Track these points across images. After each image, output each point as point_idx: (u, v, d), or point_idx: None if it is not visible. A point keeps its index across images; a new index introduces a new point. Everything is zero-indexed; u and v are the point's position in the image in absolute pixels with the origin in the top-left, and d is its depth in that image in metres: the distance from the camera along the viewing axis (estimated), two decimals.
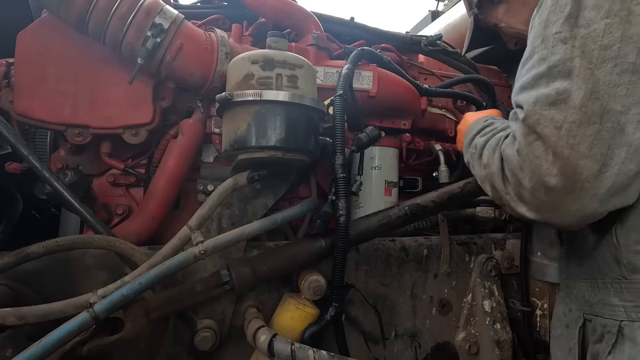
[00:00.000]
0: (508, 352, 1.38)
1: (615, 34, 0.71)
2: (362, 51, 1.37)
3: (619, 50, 0.70)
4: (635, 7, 0.71)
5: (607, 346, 0.78)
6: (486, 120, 1.03)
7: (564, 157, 0.71)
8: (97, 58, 1.23)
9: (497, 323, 1.39)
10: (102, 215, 1.28)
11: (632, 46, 0.70)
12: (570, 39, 0.73)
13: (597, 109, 0.70)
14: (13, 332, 0.98)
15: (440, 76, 1.85)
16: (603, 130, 0.69)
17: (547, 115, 0.73)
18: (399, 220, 1.25)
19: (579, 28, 0.73)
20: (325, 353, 1.00)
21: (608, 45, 0.71)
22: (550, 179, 0.72)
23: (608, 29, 0.71)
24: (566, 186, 0.71)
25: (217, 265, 1.18)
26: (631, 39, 0.70)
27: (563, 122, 0.71)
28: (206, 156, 1.39)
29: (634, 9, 0.71)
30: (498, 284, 1.44)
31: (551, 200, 0.74)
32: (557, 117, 0.72)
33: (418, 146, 1.61)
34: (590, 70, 0.71)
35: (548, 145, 0.72)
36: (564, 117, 0.71)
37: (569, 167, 0.70)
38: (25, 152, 1.10)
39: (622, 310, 0.77)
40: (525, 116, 0.76)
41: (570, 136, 0.70)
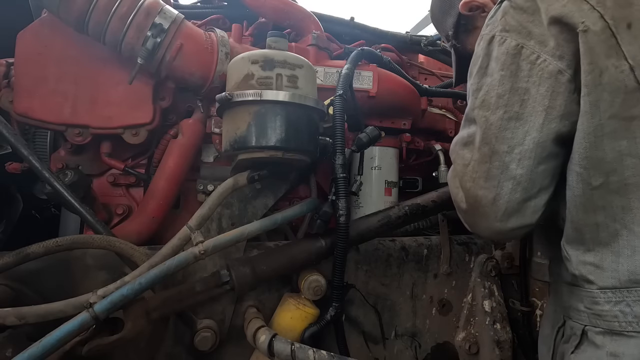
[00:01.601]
0: (508, 352, 1.38)
1: (506, 85, 0.83)
2: (362, 51, 1.37)
3: (508, 99, 0.83)
4: (522, 63, 0.82)
5: (571, 346, 0.85)
6: None
7: (467, 188, 0.88)
8: (97, 58, 1.23)
9: (497, 323, 1.39)
10: (102, 215, 1.28)
11: (517, 97, 0.82)
12: (476, 90, 0.88)
13: (488, 150, 0.84)
14: (13, 332, 0.98)
15: (440, 76, 1.85)
16: (493, 168, 0.84)
17: (461, 154, 0.91)
18: (399, 220, 1.25)
19: (486, 77, 0.87)
20: (325, 353, 1.00)
21: (501, 94, 0.84)
22: (462, 205, 0.91)
23: (502, 80, 0.84)
24: (472, 210, 0.89)
25: (217, 265, 1.18)
26: (517, 91, 0.82)
27: (470, 160, 0.88)
28: (206, 156, 1.39)
29: (521, 64, 0.82)
30: (498, 284, 1.44)
31: (468, 219, 0.93)
32: (467, 156, 0.89)
33: (418, 146, 1.61)
34: (485, 118, 0.85)
35: (459, 179, 0.91)
36: (471, 156, 0.88)
37: (471, 197, 0.88)
38: (25, 152, 1.10)
39: (585, 315, 0.83)
40: (450, 153, 0.97)
41: (473, 171, 0.87)
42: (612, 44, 0.76)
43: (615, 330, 0.78)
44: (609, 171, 0.77)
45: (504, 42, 0.85)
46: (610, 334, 0.78)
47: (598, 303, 0.80)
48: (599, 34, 0.76)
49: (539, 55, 0.81)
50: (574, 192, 0.82)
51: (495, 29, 0.87)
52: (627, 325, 0.77)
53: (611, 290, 0.78)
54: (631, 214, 0.77)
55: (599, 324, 0.80)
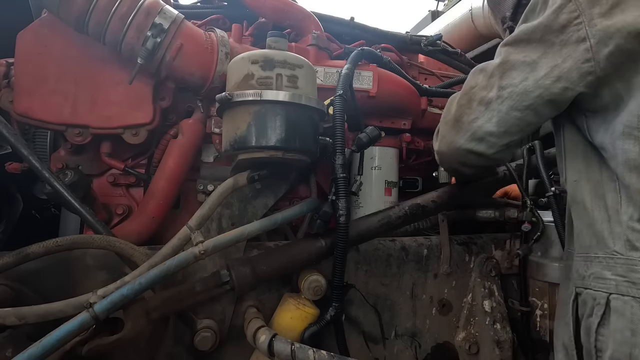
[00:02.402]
0: (508, 352, 1.38)
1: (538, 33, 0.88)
2: (362, 51, 1.37)
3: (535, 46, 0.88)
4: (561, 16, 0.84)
5: (596, 317, 0.84)
6: None
7: (461, 104, 1.02)
8: (97, 58, 1.23)
9: (497, 323, 1.39)
10: (102, 215, 1.28)
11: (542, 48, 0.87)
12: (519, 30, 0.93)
13: (493, 81, 0.95)
14: (13, 332, 0.98)
15: (440, 76, 1.85)
16: (486, 97, 0.95)
17: (474, 77, 1.03)
18: (399, 220, 1.25)
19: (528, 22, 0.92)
20: (325, 353, 1.00)
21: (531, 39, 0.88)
22: (449, 117, 1.05)
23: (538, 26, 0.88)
24: (453, 122, 1.03)
25: (217, 265, 1.18)
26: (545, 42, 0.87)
27: (476, 84, 1.00)
28: (206, 156, 1.39)
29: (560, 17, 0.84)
30: (498, 284, 1.44)
31: (443, 130, 1.06)
32: (478, 80, 1.01)
33: (418, 146, 1.61)
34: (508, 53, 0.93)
35: (460, 96, 1.05)
36: (479, 81, 1.00)
37: (460, 112, 1.01)
38: (25, 152, 1.10)
39: (612, 283, 0.82)
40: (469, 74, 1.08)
41: (473, 93, 1.00)
42: None
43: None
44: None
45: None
46: None
47: (636, 271, 0.80)
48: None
49: (579, 15, 0.82)
50: (629, 156, 0.82)
51: None
52: None
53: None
54: None
55: (630, 291, 0.80)
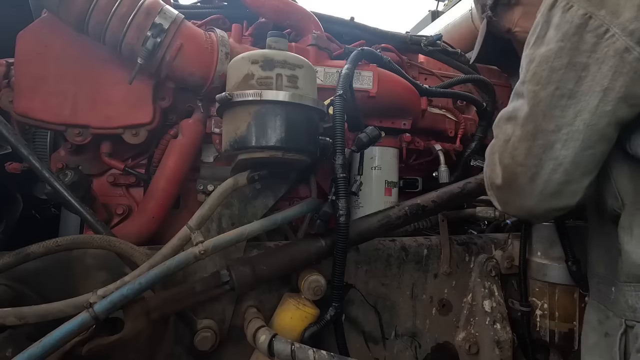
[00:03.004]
0: (508, 352, 1.38)
1: (564, 59, 0.77)
2: (362, 51, 1.37)
3: (563, 75, 0.77)
4: (587, 35, 0.75)
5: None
6: None
7: (505, 164, 0.86)
8: (97, 58, 1.23)
9: (497, 323, 1.39)
10: (102, 215, 1.28)
11: (574, 74, 0.76)
12: (530, 62, 0.83)
13: (532, 128, 0.80)
14: (13, 332, 0.98)
15: (440, 76, 1.85)
16: (536, 147, 0.80)
17: (503, 129, 0.87)
18: (399, 220, 1.25)
19: (542, 46, 0.81)
20: (325, 353, 1.00)
21: (556, 68, 0.78)
22: (497, 180, 0.88)
23: (559, 52, 0.78)
24: (507, 187, 0.86)
25: (217, 265, 1.18)
26: (575, 67, 0.76)
27: (512, 135, 0.84)
28: (206, 156, 1.39)
29: (585, 37, 0.75)
30: (498, 284, 1.44)
31: (501, 197, 0.90)
32: (508, 130, 0.86)
33: (418, 146, 1.61)
34: (535, 93, 0.80)
35: (498, 154, 0.88)
36: (512, 131, 0.84)
37: (508, 172, 0.85)
38: (25, 152, 1.10)
39: None
40: (493, 127, 0.93)
41: (513, 148, 0.83)
42: None
43: None
44: None
45: (569, 9, 0.76)
46: None
47: None
48: None
49: (609, 29, 0.72)
50: None
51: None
52: None
53: None
54: None
55: None
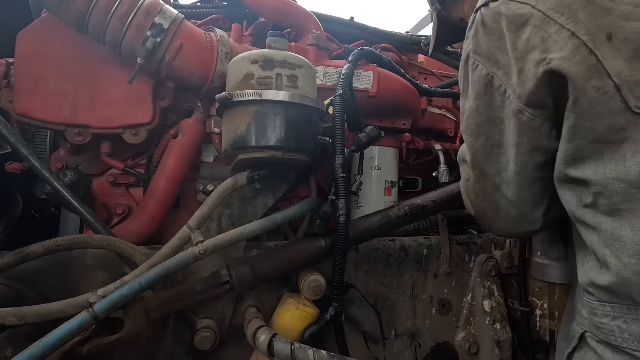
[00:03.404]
0: (508, 352, 1.38)
1: (483, 115, 0.83)
2: (362, 51, 1.37)
3: (487, 128, 0.83)
4: (495, 94, 0.80)
5: (568, 347, 0.84)
6: None
7: (472, 200, 0.97)
8: (97, 58, 1.23)
9: (497, 323, 1.39)
10: (102, 215, 1.28)
11: (496, 127, 0.82)
12: (462, 114, 0.89)
13: (479, 173, 0.89)
14: (13, 332, 0.98)
15: (440, 76, 1.85)
16: (487, 187, 0.89)
17: (462, 169, 0.98)
18: (399, 220, 1.25)
19: (467, 101, 0.87)
20: (325, 353, 1.00)
21: (480, 123, 0.84)
22: (472, 212, 1.00)
23: (478, 109, 0.84)
24: (481, 219, 0.99)
25: (217, 265, 1.18)
26: (494, 121, 0.82)
27: (470, 175, 0.93)
28: (206, 156, 1.39)
29: (494, 95, 0.80)
30: (498, 284, 1.44)
31: (481, 223, 1.02)
32: (466, 171, 0.95)
33: (418, 146, 1.61)
34: (471, 143, 0.88)
35: (464, 190, 0.99)
36: (469, 173, 0.93)
37: (476, 209, 0.97)
38: (25, 152, 1.10)
39: (587, 322, 0.80)
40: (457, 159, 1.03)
41: (473, 187, 0.94)
42: (592, 64, 0.66)
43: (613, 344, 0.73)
44: (597, 193, 0.71)
45: (476, 67, 0.82)
46: (610, 346, 0.74)
47: (596, 315, 0.76)
48: (572, 57, 0.67)
49: (506, 90, 0.78)
50: (569, 207, 0.79)
51: (469, 47, 0.83)
52: (623, 341, 0.72)
53: (610, 305, 0.74)
54: (621, 243, 0.69)
55: (597, 334, 0.76)
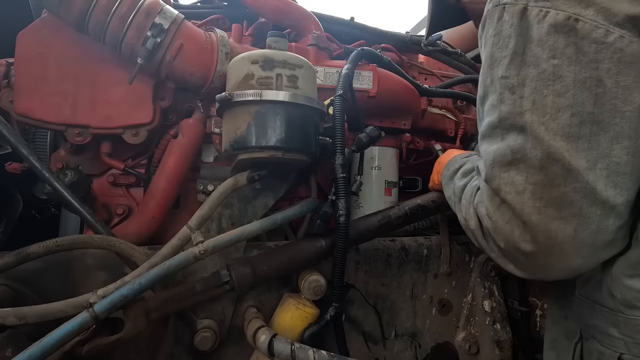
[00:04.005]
0: (508, 352, 1.38)
1: (566, 78, 0.60)
2: (362, 51, 1.37)
3: (573, 97, 0.60)
4: (582, 43, 0.59)
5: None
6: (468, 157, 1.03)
7: (533, 223, 0.64)
8: (97, 58, 1.23)
9: (497, 323, 1.39)
10: (102, 215, 1.28)
11: (588, 93, 0.59)
12: (518, 86, 0.64)
13: (558, 169, 0.61)
14: (13, 332, 0.98)
15: (440, 76, 1.85)
16: (570, 191, 0.61)
17: (507, 179, 0.66)
18: (399, 220, 1.25)
19: (528, 67, 0.63)
20: (325, 353, 1.00)
21: (561, 91, 0.60)
22: (525, 246, 0.66)
23: (557, 70, 0.61)
24: (543, 250, 0.65)
25: (217, 265, 1.18)
26: (584, 84, 0.59)
27: (525, 184, 0.64)
28: (206, 156, 1.39)
29: (581, 46, 0.59)
30: (498, 284, 1.44)
31: (533, 262, 0.68)
32: (517, 179, 0.65)
33: (418, 146, 1.61)
34: (545, 125, 0.62)
35: (514, 211, 0.65)
36: (525, 178, 0.64)
37: (540, 233, 0.64)
38: (25, 152, 1.10)
39: (622, 342, 0.67)
40: (486, 179, 0.70)
41: (535, 199, 0.63)
42: None
43: None
44: None
45: (545, 16, 0.61)
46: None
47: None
48: None
49: (609, 30, 0.57)
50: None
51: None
52: None
53: None
54: None
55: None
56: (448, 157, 1.09)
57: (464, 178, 0.91)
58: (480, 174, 0.75)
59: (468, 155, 1.05)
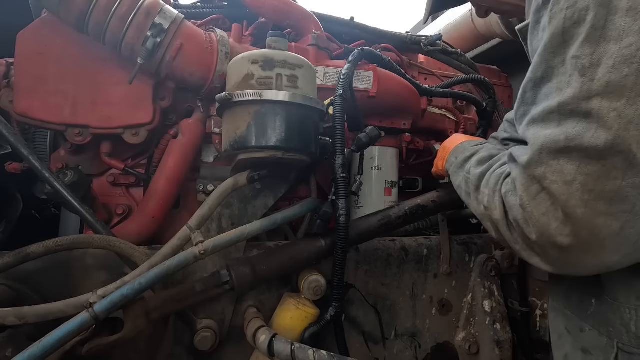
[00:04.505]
0: (508, 352, 1.38)
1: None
2: (362, 51, 1.37)
3: None
4: None
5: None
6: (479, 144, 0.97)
7: (577, 217, 0.59)
8: (97, 58, 1.23)
9: (497, 323, 1.39)
10: (102, 215, 1.28)
11: None
12: (590, 67, 0.57)
13: (620, 161, 0.55)
14: (13, 332, 0.98)
15: (440, 76, 1.85)
16: (627, 187, 0.56)
17: (555, 167, 0.60)
18: (399, 220, 1.25)
19: (607, 43, 0.56)
20: (325, 353, 1.00)
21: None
22: (562, 239, 0.61)
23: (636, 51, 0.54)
24: (582, 246, 0.60)
25: (217, 265, 1.18)
26: None
27: (576, 174, 0.58)
28: (206, 156, 1.39)
29: None
30: (498, 284, 1.44)
31: (565, 257, 0.64)
32: (567, 168, 0.59)
33: (418, 146, 1.61)
34: (618, 111, 0.55)
35: (556, 201, 0.60)
36: (577, 167, 0.58)
37: (583, 228, 0.59)
38: (25, 152, 1.10)
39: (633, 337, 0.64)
40: (528, 164, 0.64)
41: (585, 191, 0.58)
42: None
43: None
44: None
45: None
46: None
47: None
48: None
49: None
50: None
51: None
52: None
53: None
54: None
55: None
56: (454, 143, 1.04)
57: (481, 166, 0.85)
58: (515, 160, 0.69)
59: (478, 143, 1.00)
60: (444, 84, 1.76)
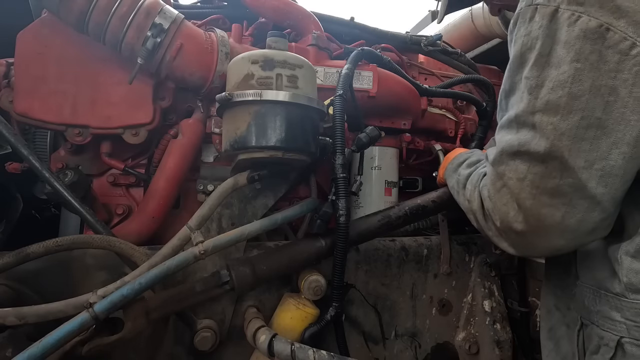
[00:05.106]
0: (508, 352, 1.38)
1: (584, 83, 0.65)
2: (362, 51, 1.37)
3: (587, 102, 0.65)
4: (607, 52, 0.63)
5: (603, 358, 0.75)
6: (472, 152, 1.14)
7: (527, 207, 0.73)
8: (97, 58, 1.23)
9: (497, 323, 1.39)
10: (102, 215, 1.28)
11: (600, 99, 0.65)
12: (536, 87, 0.70)
13: (557, 165, 0.69)
14: (13, 332, 0.98)
15: (440, 76, 1.85)
16: (564, 185, 0.69)
17: (512, 166, 0.74)
18: (399, 220, 1.25)
19: (550, 68, 0.68)
20: (325, 353, 1.00)
21: (576, 94, 0.66)
22: (517, 225, 0.75)
23: (577, 75, 0.65)
24: (532, 231, 0.74)
25: (217, 265, 1.18)
26: (599, 91, 0.64)
27: (527, 173, 0.72)
28: (206, 156, 1.39)
29: (605, 54, 0.63)
30: (498, 284, 1.44)
31: (522, 240, 0.77)
32: (520, 167, 0.73)
33: (418, 146, 1.61)
34: (553, 125, 0.68)
35: (513, 194, 0.74)
36: (527, 167, 0.72)
37: (532, 216, 0.73)
38: (25, 152, 1.10)
39: (623, 327, 0.72)
40: (493, 162, 0.79)
41: (533, 187, 0.72)
42: None
43: None
44: None
45: (576, 20, 0.64)
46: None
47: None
48: None
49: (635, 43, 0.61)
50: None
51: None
52: None
53: None
54: None
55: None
56: (454, 155, 1.19)
57: (469, 168, 1.01)
58: (488, 159, 0.83)
59: (472, 152, 1.16)
60: (444, 84, 1.76)
